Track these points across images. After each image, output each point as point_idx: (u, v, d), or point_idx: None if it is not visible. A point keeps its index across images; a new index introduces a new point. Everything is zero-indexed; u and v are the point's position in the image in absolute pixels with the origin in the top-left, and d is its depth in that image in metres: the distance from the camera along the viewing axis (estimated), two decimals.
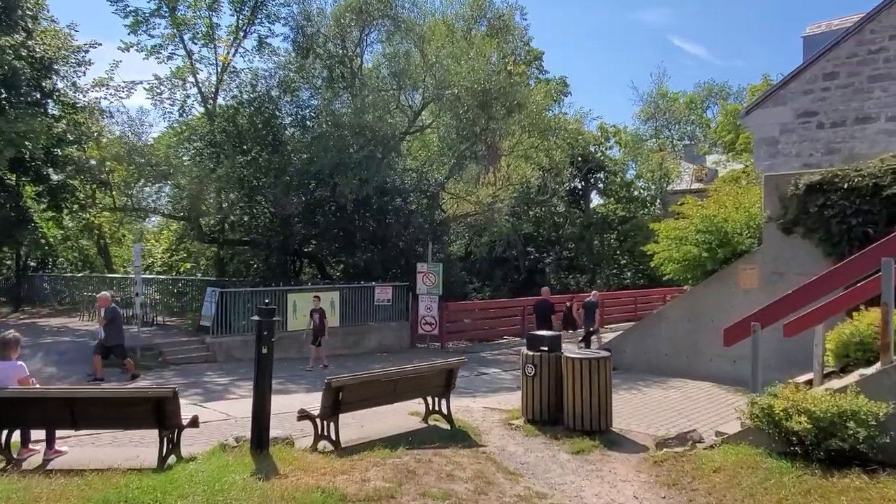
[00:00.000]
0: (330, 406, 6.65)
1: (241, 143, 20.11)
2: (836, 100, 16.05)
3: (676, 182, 53.35)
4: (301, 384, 13.20)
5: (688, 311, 11.61)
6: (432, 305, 19.56)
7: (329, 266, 21.96)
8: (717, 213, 10.87)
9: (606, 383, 7.55)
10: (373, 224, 19.55)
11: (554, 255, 39.26)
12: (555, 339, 8.17)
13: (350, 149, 17.31)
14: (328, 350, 17.97)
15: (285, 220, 18.83)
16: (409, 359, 17.84)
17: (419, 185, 19.87)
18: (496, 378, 14.29)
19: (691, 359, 11.52)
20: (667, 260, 11.67)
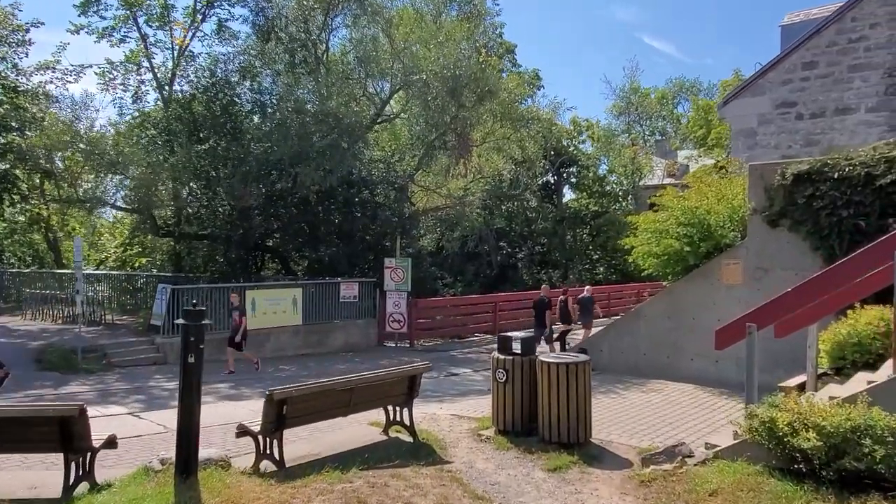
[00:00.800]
0: (272, 421, 5.79)
1: (198, 131, 18.97)
2: (816, 90, 15.62)
3: (648, 177, 53.42)
4: (256, 388, 12.25)
5: (668, 309, 10.98)
6: (400, 302, 18.73)
7: (292, 261, 20.95)
8: (700, 204, 10.24)
9: (585, 391, 6.81)
10: (338, 217, 18.61)
11: (526, 251, 38.82)
12: (528, 341, 7.41)
13: (313, 137, 16.33)
14: (291, 349, 17.04)
15: (244, 213, 17.78)
16: (376, 358, 17.00)
17: (387, 176, 18.98)
18: (466, 379, 13.53)
19: (672, 358, 10.90)
20: (646, 254, 11.02)
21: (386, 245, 20.09)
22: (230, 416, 9.12)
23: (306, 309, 17.46)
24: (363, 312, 18.68)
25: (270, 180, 17.56)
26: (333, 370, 14.86)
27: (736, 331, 5.92)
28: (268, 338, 16.61)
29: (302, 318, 17.34)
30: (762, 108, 16.33)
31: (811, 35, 15.56)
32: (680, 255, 10.34)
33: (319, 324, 17.76)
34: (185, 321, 5.28)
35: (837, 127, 15.20)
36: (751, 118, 16.53)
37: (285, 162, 16.48)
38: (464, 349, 18.62)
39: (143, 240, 23.01)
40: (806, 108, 15.70)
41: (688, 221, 10.28)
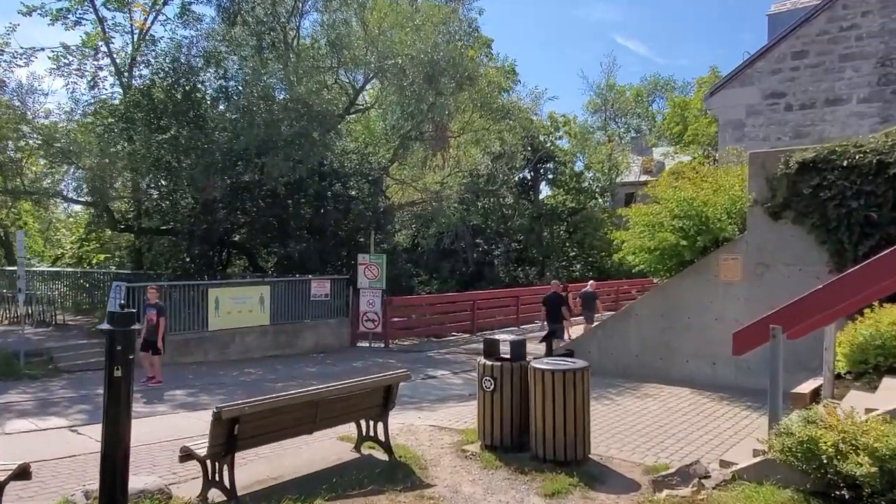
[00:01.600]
0: (221, 444, 4.88)
1: (158, 119, 17.78)
2: (806, 80, 15.12)
3: (625, 174, 53.25)
4: (216, 395, 11.26)
5: (661, 308, 10.28)
6: (375, 300, 17.82)
7: (260, 258, 19.88)
8: (696, 195, 9.54)
9: (584, 402, 6.03)
10: (308, 211, 17.61)
11: (503, 248, 38.28)
12: (518, 345, 6.59)
13: (281, 125, 15.31)
14: (258, 351, 16.02)
15: (208, 206, 16.68)
16: (349, 359, 16.08)
17: (361, 168, 18.03)
18: (445, 383, 12.70)
19: (665, 360, 10.20)
20: (637, 249, 10.30)
21: (359, 241, 19.15)
22: (183, 430, 8.17)
23: (275, 308, 16.46)
24: (335, 311, 17.74)
25: (236, 171, 16.50)
26: (303, 373, 13.92)
27: (757, 333, 5.18)
28: (233, 339, 15.57)
29: (270, 318, 16.34)
30: (750, 98, 15.79)
31: (801, 23, 15.05)
32: (675, 249, 9.65)
33: (289, 323, 16.77)
34: (110, 326, 4.34)
35: (828, 118, 14.72)
36: (739, 109, 15.98)
37: (251, 152, 15.44)
38: (441, 349, 17.79)
39: (101, 235, 21.70)
40: (796, 99, 15.20)
41: (683, 213, 9.58)
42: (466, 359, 16.33)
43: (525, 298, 23.19)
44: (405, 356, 16.57)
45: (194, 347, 14.90)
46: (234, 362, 15.02)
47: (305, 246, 17.39)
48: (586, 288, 17.14)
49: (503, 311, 22.25)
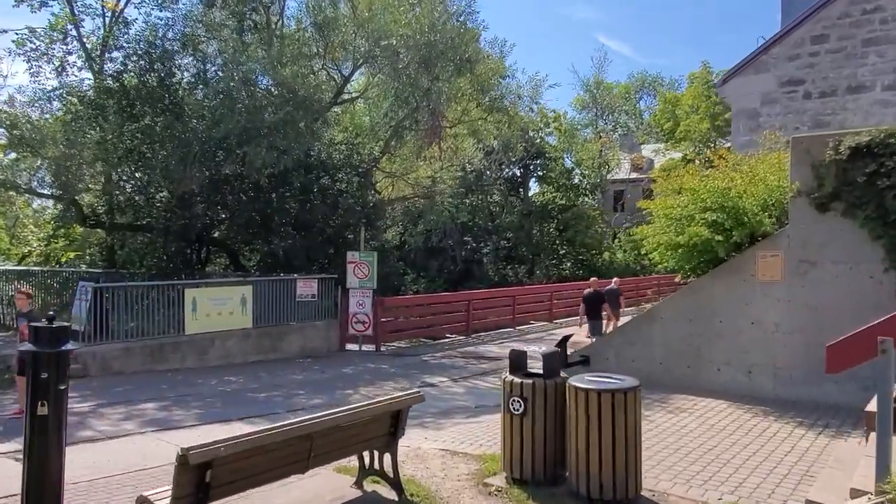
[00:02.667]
0: (189, 494, 3.75)
1: (131, 106, 16.51)
2: (826, 66, 14.24)
3: (615, 171, 52.58)
4: (193, 408, 10.06)
5: (689, 310, 9.28)
6: (365, 301, 16.69)
7: (242, 255, 18.64)
8: (731, 185, 8.55)
9: (636, 429, 4.99)
10: (294, 206, 16.41)
11: (492, 245, 37.39)
12: (552, 359, 5.54)
13: (263, 111, 14.12)
14: (240, 356, 14.81)
15: (185, 200, 15.43)
16: (338, 365, 14.95)
17: (349, 160, 16.86)
18: (446, 392, 11.62)
19: (694, 368, 9.21)
20: (664, 246, 9.29)
21: (348, 237, 18.00)
22: (151, 457, 7.01)
23: (257, 309, 15.27)
24: (323, 313, 16.58)
25: (216, 162, 15.27)
26: (288, 381, 12.78)
27: (860, 347, 4.15)
28: (212, 343, 14.36)
29: (252, 320, 15.15)
30: (766, 86, 14.89)
31: (821, 6, 14.16)
32: (707, 245, 8.65)
33: (273, 326, 15.59)
34: (33, 346, 3.20)
35: (850, 107, 13.85)
36: (753, 97, 15.07)
37: (232, 141, 14.23)
38: (436, 353, 16.72)
39: (70, 231, 20.31)
40: (815, 87, 14.32)
41: (717, 206, 8.58)
42: (464, 363, 15.28)
43: (522, 298, 22.22)
44: (398, 361, 15.48)
45: (170, 353, 13.67)
46: (214, 369, 13.82)
47: (291, 243, 16.21)
48: (610, 285, 16.31)
49: (499, 312, 21.24)
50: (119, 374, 12.78)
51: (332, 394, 11.51)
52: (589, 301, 14.85)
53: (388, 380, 12.98)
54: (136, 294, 13.47)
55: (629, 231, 40.52)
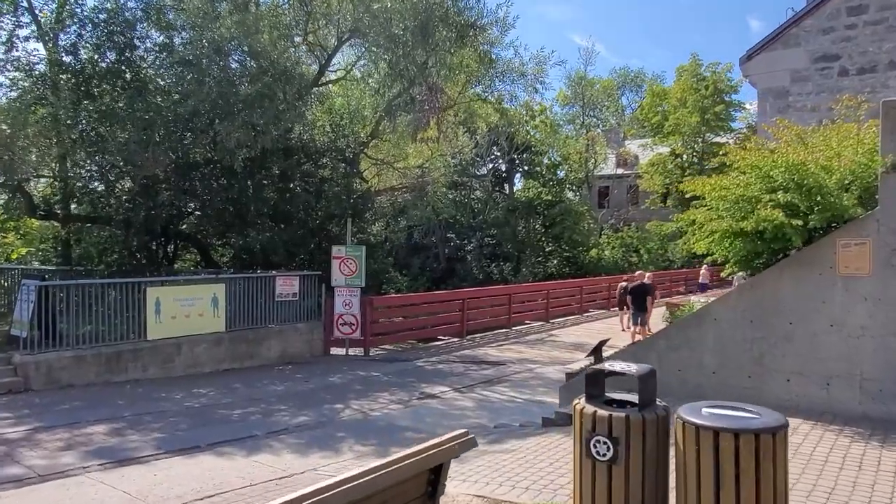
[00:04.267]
0: None
1: (87, 82, 14.63)
2: (865, 40, 12.92)
3: (601, 167, 51.49)
4: (151, 431, 8.31)
5: (750, 310, 7.81)
6: (352, 301, 15.05)
7: (214, 250, 16.81)
8: (810, 159, 7.09)
9: (784, 485, 3.45)
10: (272, 193, 14.66)
11: (476, 242, 36.09)
12: (649, 380, 3.98)
13: (237, 84, 12.37)
14: (211, 363, 13.04)
15: (147, 187, 13.60)
16: (324, 372, 13.28)
17: (334, 143, 15.15)
18: (453, 406, 10.02)
19: (757, 379, 7.75)
20: (721, 234, 7.79)
21: (333, 230, 16.31)
22: None
23: (231, 310, 13.53)
24: (306, 314, 14.89)
25: (183, 144, 13.45)
26: (267, 393, 11.09)
27: None
28: (178, 350, 12.58)
29: (225, 323, 13.40)
30: (796, 62, 13.55)
31: None
32: (780, 232, 7.17)
33: (249, 329, 13.86)
34: None
35: (892, 84, 12.56)
36: (782, 75, 13.73)
37: (202, 119, 12.46)
38: (431, 357, 15.12)
39: (21, 224, 18.27)
40: (852, 62, 13.01)
41: (791, 184, 7.11)
42: (464, 369, 13.72)
43: (517, 297, 20.75)
44: (391, 367, 13.85)
45: (129, 362, 11.86)
46: (181, 380, 12.06)
47: (269, 236, 14.46)
48: (644, 280, 15.61)
49: (494, 312, 19.74)
50: (69, 387, 10.95)
51: (318, 409, 9.87)
52: (631, 293, 15.51)
53: (382, 390, 11.36)
54: (91, 294, 11.62)
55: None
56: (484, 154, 34.44)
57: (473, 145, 27.62)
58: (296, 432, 8.37)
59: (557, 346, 16.88)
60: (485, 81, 15.30)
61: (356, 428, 8.59)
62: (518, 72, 15.07)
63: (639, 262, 39.77)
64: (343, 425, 8.82)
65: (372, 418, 9.24)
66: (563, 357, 15.08)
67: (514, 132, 35.77)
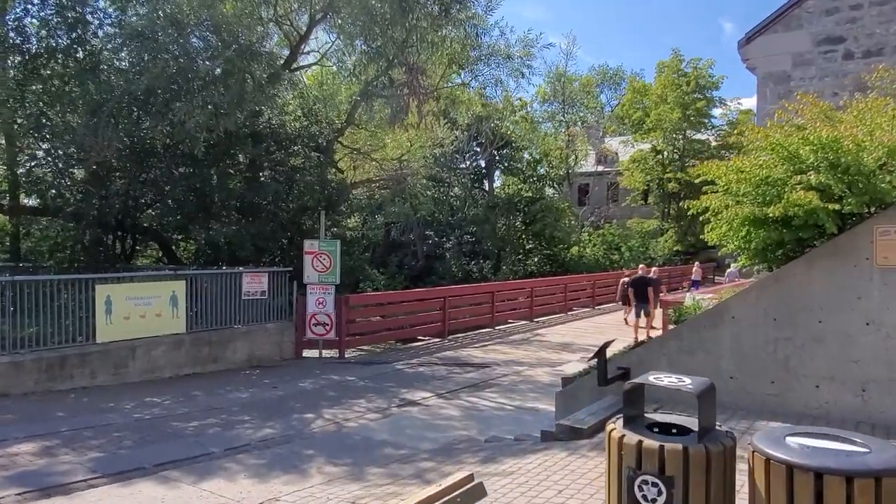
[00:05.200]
0: None
1: (35, 63, 13.35)
2: (872, 21, 12.21)
3: (581, 164, 50.92)
4: (89, 450, 7.16)
5: (773, 307, 6.95)
6: (326, 299, 13.97)
7: (176, 245, 15.58)
8: (844, 134, 6.24)
9: None
10: (239, 183, 13.51)
11: (454, 240, 35.23)
12: (708, 398, 3.02)
13: (197, 59, 11.21)
14: (170, 368, 11.85)
15: (99, 175, 12.36)
16: (294, 377, 12.18)
17: (307, 129, 14.04)
18: (437, 415, 9.01)
19: (781, 385, 6.89)
20: (740, 222, 6.90)
21: (305, 224, 15.20)
22: None
23: (193, 310, 12.37)
24: (275, 313, 13.77)
25: (139, 128, 12.23)
26: (230, 401, 9.97)
27: None
28: (132, 353, 11.39)
29: (186, 324, 12.23)
30: (799, 45, 12.80)
31: None
32: (810, 218, 6.31)
33: (213, 330, 12.70)
34: None
35: None
36: (783, 59, 12.97)
37: (158, 99, 11.27)
38: (411, 359, 14.09)
39: None
40: (858, 45, 12.29)
41: (824, 164, 6.25)
42: (447, 372, 12.73)
43: (501, 295, 19.83)
44: (367, 370, 12.81)
45: (75, 368, 10.64)
46: (134, 387, 10.88)
47: (235, 229, 13.31)
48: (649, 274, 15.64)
49: (477, 311, 18.80)
50: (4, 396, 9.72)
51: (286, 420, 8.81)
52: (633, 286, 15.64)
53: (358, 397, 10.33)
54: (32, 292, 10.39)
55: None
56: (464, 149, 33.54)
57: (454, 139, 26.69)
58: (258, 449, 7.30)
59: (544, 346, 15.99)
60: (468, 65, 14.31)
61: (328, 443, 7.55)
62: (504, 54, 14.10)
63: (620, 259, 39.39)
64: (313, 440, 7.78)
65: (346, 430, 8.21)
66: (552, 358, 14.20)
67: (495, 127, 35.03)
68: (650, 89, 46.49)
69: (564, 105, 55.90)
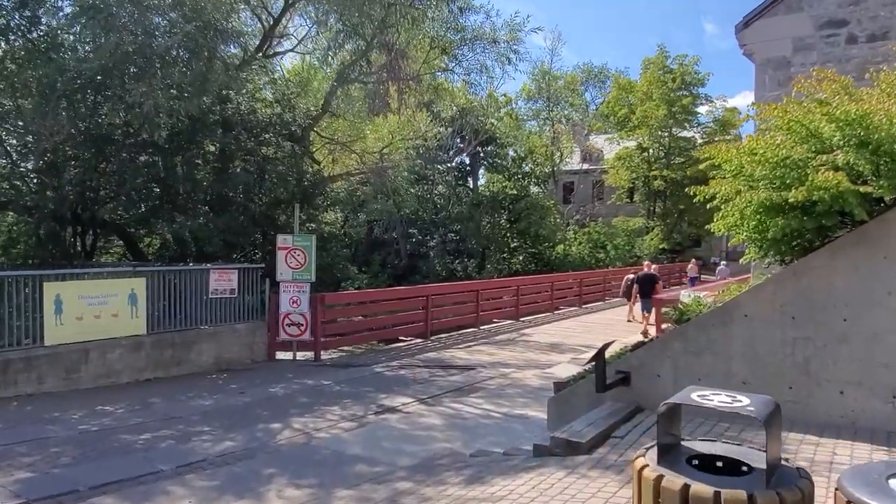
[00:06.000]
0: None
1: None
2: (875, 3, 11.59)
3: (566, 161, 50.40)
4: (16, 470, 6.25)
5: (792, 304, 6.24)
6: (300, 297, 13.11)
7: (141, 240, 14.59)
8: (875, 108, 5.53)
9: None
10: (207, 174, 12.58)
11: (438, 238, 34.54)
12: (776, 421, 2.25)
13: (156, 34, 10.27)
14: (129, 373, 10.90)
15: (52, 164, 11.38)
16: (266, 382, 11.29)
17: (280, 117, 13.15)
18: (417, 424, 8.19)
19: (800, 391, 6.18)
20: (754, 209, 6.18)
21: (280, 219, 14.31)
22: None
23: (154, 310, 11.44)
24: (246, 313, 12.87)
25: (96, 112, 11.27)
26: (190, 409, 9.08)
27: None
28: (86, 357, 10.44)
29: (147, 325, 11.29)
30: (799, 29, 12.17)
31: None
32: (836, 203, 5.59)
33: (176, 331, 11.78)
34: None
35: None
36: (783, 43, 12.34)
37: (114, 78, 10.32)
38: (391, 362, 13.25)
39: None
40: (861, 28, 11.68)
41: (851, 142, 5.54)
42: (429, 375, 11.92)
43: (486, 293, 19.05)
44: (344, 374, 11.96)
45: (19, 373, 9.68)
46: (87, 393, 9.95)
47: (203, 223, 12.37)
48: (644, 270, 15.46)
49: (461, 310, 18.01)
50: None
51: (251, 430, 7.95)
52: (638, 282, 16.15)
53: (333, 403, 9.49)
54: None
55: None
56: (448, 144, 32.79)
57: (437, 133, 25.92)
58: (214, 466, 6.44)
59: (531, 346, 15.24)
60: (452, 49, 13.48)
61: (293, 458, 6.70)
62: (489, 38, 13.29)
63: (606, 258, 38.98)
64: (277, 454, 6.93)
65: (316, 443, 7.37)
66: (540, 360, 13.46)
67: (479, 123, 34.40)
68: (636, 86, 46.05)
69: (550, 103, 55.36)
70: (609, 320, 20.15)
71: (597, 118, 56.84)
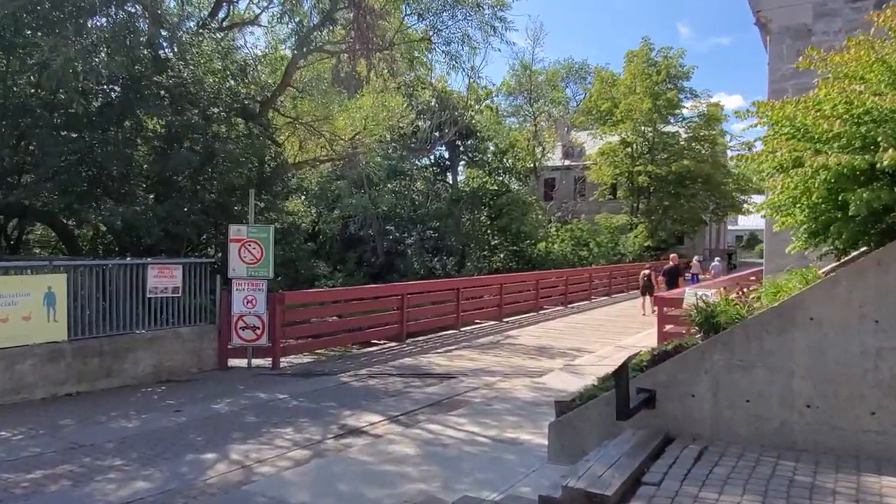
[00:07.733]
0: None
1: None
2: None
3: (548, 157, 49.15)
4: None
5: (874, 303, 4.77)
6: (256, 297, 11.43)
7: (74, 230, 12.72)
8: None
9: None
10: (146, 152, 10.82)
11: (416, 236, 33.08)
12: None
13: None
14: (44, 387, 9.07)
15: None
16: (211, 396, 9.52)
17: (232, 90, 11.43)
18: (385, 454, 6.55)
19: (888, 418, 4.71)
20: (824, 179, 4.70)
21: (233, 207, 12.59)
22: None
23: (78, 311, 9.66)
24: (192, 315, 11.15)
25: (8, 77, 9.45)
26: (106, 435, 7.35)
27: None
28: None
29: (68, 329, 9.51)
30: None
31: None
32: None
33: (105, 337, 9.99)
34: None
35: None
36: (803, 10, 10.99)
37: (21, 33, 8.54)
38: (360, 370, 11.61)
39: None
40: None
41: None
42: (404, 386, 10.32)
43: (467, 292, 17.50)
44: (305, 385, 10.30)
45: None
46: None
47: (139, 210, 10.61)
48: (668, 263, 15.37)
49: (439, 310, 16.45)
50: None
51: (175, 463, 6.28)
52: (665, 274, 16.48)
53: (286, 424, 7.86)
54: None
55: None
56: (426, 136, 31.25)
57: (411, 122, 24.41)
58: None
59: (517, 350, 13.73)
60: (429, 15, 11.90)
61: None
62: (472, 3, 11.73)
63: (589, 255, 37.91)
64: (200, 501, 5.28)
65: (253, 485, 5.71)
66: (528, 365, 11.96)
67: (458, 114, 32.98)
68: (619, 80, 44.91)
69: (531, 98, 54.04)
70: (598, 321, 18.78)
71: (579, 114, 55.68)
